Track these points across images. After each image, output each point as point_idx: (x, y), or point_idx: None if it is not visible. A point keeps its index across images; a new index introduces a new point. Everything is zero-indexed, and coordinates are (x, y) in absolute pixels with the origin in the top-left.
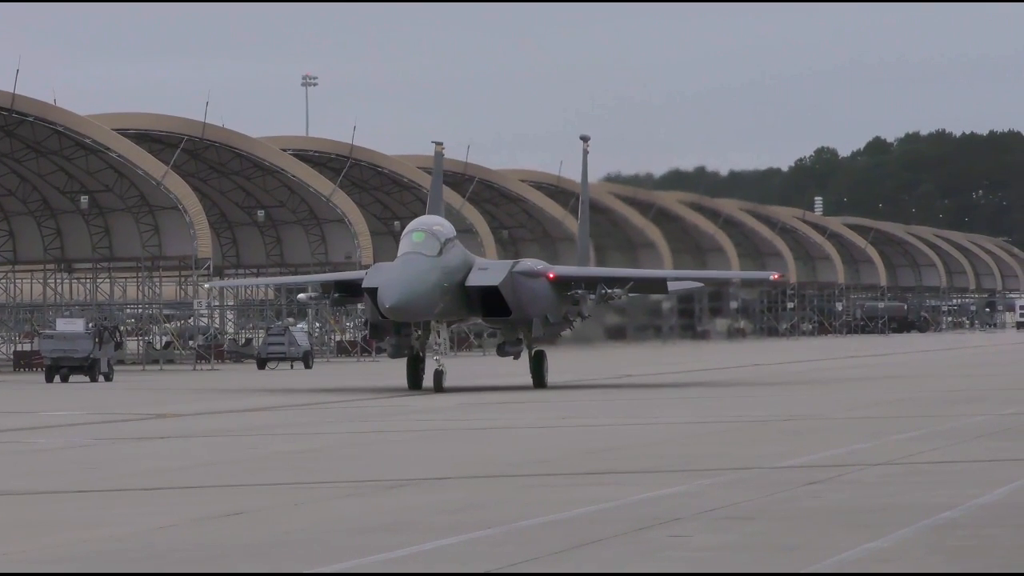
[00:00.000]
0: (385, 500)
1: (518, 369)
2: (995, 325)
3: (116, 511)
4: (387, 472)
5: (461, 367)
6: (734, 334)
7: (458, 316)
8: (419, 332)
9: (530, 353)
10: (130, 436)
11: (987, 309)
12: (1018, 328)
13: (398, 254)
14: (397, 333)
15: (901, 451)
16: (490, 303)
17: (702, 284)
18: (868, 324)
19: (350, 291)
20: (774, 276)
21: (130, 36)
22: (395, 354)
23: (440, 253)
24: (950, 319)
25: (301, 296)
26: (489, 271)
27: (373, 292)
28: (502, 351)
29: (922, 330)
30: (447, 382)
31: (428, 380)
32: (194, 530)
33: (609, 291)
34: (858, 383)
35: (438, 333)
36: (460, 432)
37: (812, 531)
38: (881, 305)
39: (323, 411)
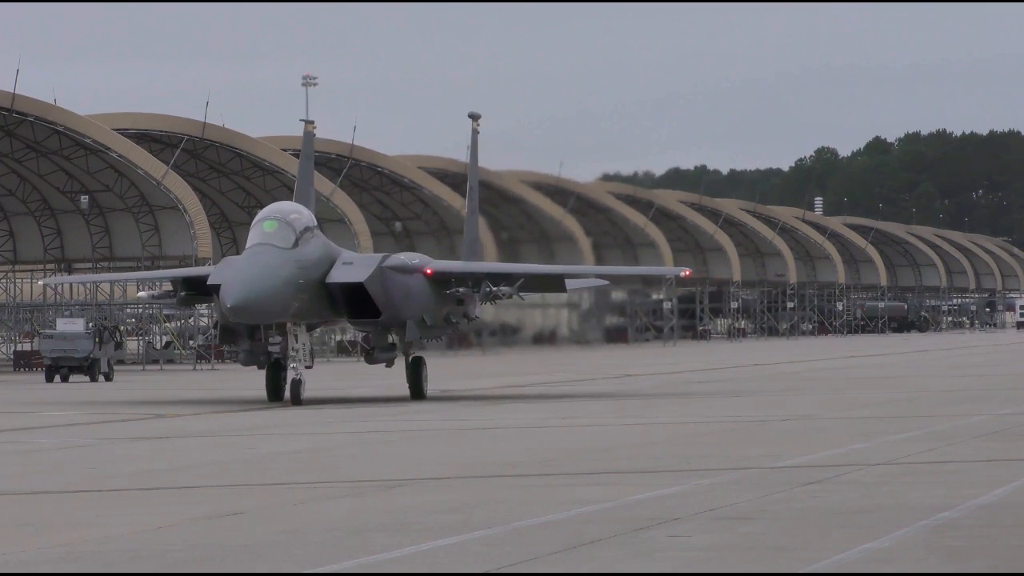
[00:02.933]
0: (384, 500)
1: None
2: (995, 325)
3: (115, 511)
4: (386, 472)
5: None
6: (734, 334)
7: (319, 317)
8: (281, 336)
9: (406, 360)
10: (129, 436)
11: (987, 309)
12: (1018, 328)
13: (247, 245)
14: (251, 337)
15: (900, 451)
16: (357, 302)
17: (606, 282)
18: (868, 324)
19: (200, 289)
20: (685, 272)
21: (130, 36)
22: (248, 361)
23: (295, 245)
24: (950, 319)
25: (142, 294)
26: (355, 266)
27: (219, 289)
28: (371, 358)
29: (922, 330)
30: (306, 393)
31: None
32: (193, 530)
33: (494, 289)
34: (857, 383)
35: (296, 337)
36: (460, 432)
37: (810, 531)
38: (881, 305)
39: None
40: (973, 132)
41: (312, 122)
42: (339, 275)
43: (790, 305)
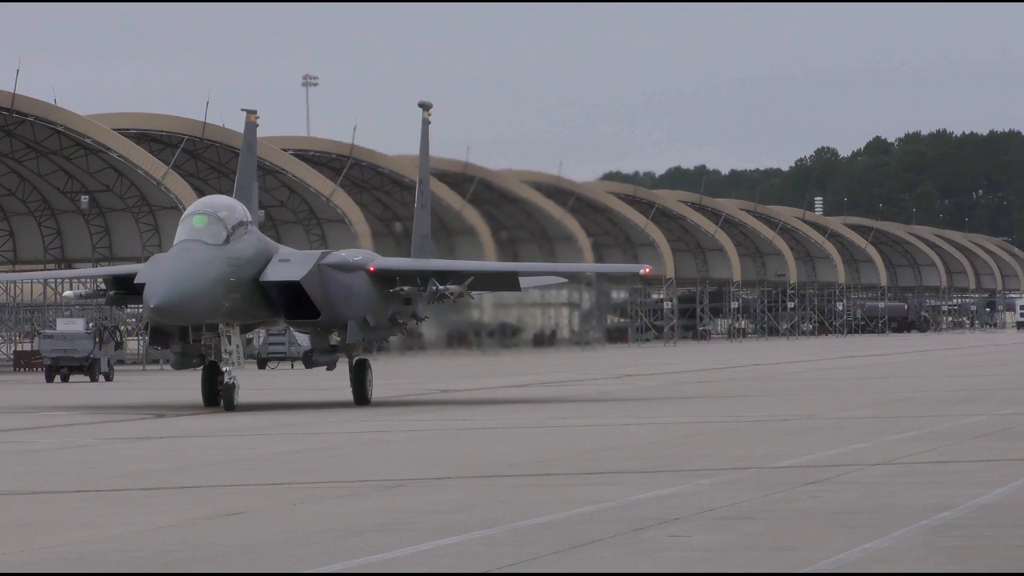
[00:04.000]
0: (384, 500)
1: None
2: (995, 325)
3: (115, 511)
4: (386, 472)
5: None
6: (734, 334)
7: (254, 318)
8: (217, 338)
9: (350, 363)
10: (129, 436)
11: (987, 309)
12: (1018, 328)
13: (174, 242)
14: (183, 339)
15: (900, 451)
16: (294, 302)
17: (564, 280)
18: (868, 324)
19: (130, 287)
20: (644, 270)
21: (130, 36)
22: (180, 364)
23: (227, 241)
24: (950, 319)
25: (68, 294)
26: (291, 263)
27: (144, 289)
28: (309, 361)
29: (922, 330)
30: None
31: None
32: (193, 530)
33: (442, 287)
34: (857, 383)
35: (229, 339)
36: (458, 432)
37: (810, 531)
38: (881, 305)
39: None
40: (973, 132)
41: (255, 112)
42: (274, 273)
43: (790, 305)
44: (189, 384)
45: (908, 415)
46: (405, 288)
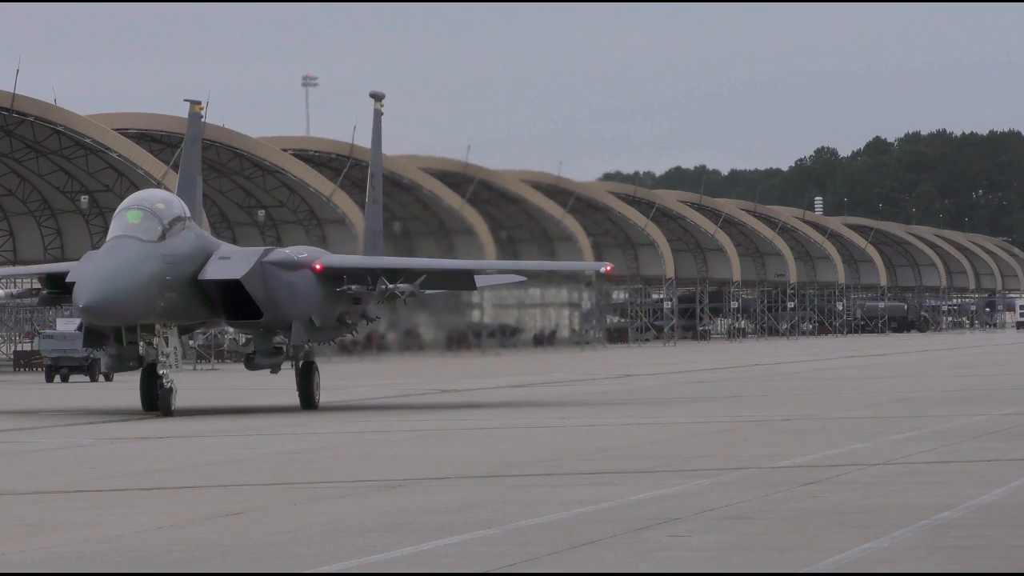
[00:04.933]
0: (384, 500)
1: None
2: (995, 325)
3: (115, 511)
4: (386, 472)
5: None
6: (734, 334)
7: (193, 318)
8: (155, 339)
9: (296, 366)
10: (129, 436)
11: (987, 309)
12: (1018, 328)
13: (107, 238)
14: (118, 341)
15: (900, 451)
16: (235, 302)
17: (522, 278)
18: (868, 324)
19: (64, 286)
20: (605, 268)
21: (130, 36)
22: (115, 367)
23: (162, 237)
24: (950, 319)
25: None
26: (231, 261)
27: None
28: (251, 363)
29: (922, 330)
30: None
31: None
32: (193, 530)
33: (391, 286)
34: (857, 383)
35: (166, 340)
36: (459, 432)
37: (811, 531)
38: (881, 305)
39: None
40: (973, 132)
41: (199, 102)
42: (213, 271)
43: (790, 305)
44: (190, 384)
45: (908, 415)
46: (353, 287)
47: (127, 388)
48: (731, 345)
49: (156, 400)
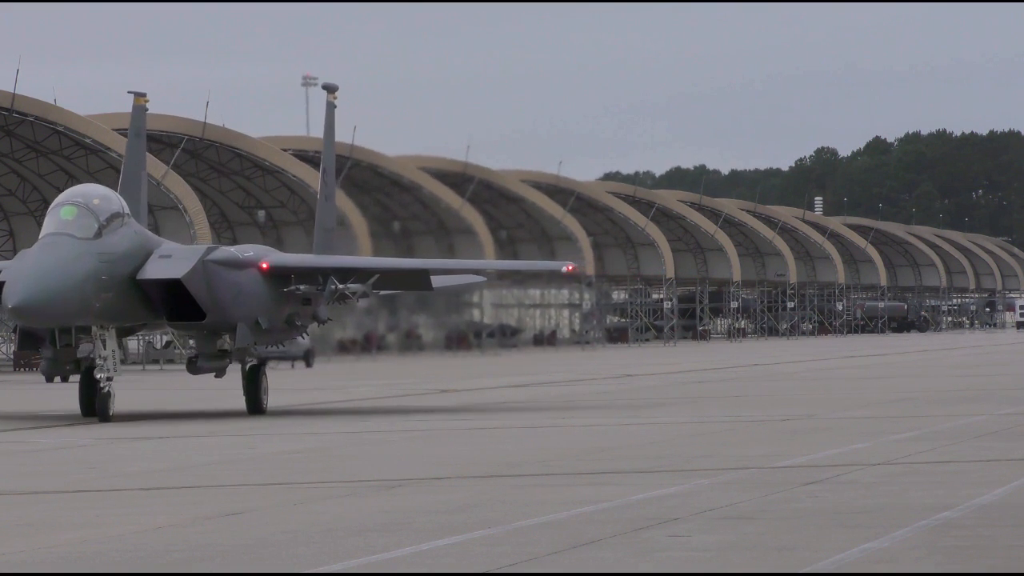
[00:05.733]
0: (384, 500)
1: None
2: (995, 325)
3: (115, 511)
4: (386, 472)
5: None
6: (734, 334)
7: (132, 319)
8: (96, 341)
9: (243, 369)
10: (129, 436)
11: (987, 309)
12: (1018, 328)
13: (40, 235)
14: (54, 343)
15: (899, 451)
16: (177, 302)
17: (483, 278)
18: (868, 324)
19: None
20: (567, 268)
21: (130, 36)
22: (52, 371)
23: (98, 234)
24: (950, 319)
25: None
26: (172, 259)
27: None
28: (194, 367)
29: (922, 330)
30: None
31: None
32: (193, 530)
33: (341, 286)
34: (857, 383)
35: (104, 343)
36: (459, 432)
37: (810, 531)
38: (881, 305)
39: None
40: (973, 132)
41: (144, 95)
42: (153, 270)
43: (790, 305)
44: (192, 384)
45: (908, 415)
46: (301, 287)
47: (126, 389)
48: (731, 345)
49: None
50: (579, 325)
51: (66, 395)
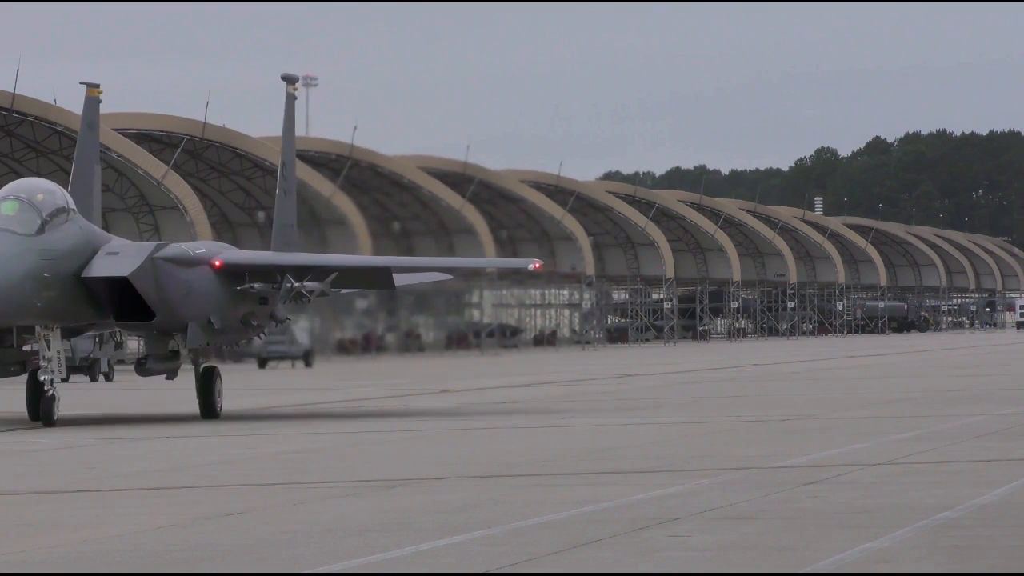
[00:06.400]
0: (384, 500)
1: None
2: (995, 325)
3: (115, 511)
4: (386, 472)
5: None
6: (734, 334)
7: (78, 319)
8: (40, 342)
9: (196, 371)
10: (129, 436)
11: (987, 309)
12: (1018, 328)
13: None
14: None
15: (900, 451)
16: (125, 301)
17: (448, 276)
18: (868, 324)
19: None
20: (534, 265)
21: (130, 36)
22: None
23: (41, 230)
24: (950, 319)
25: None
26: (119, 257)
27: None
28: (142, 369)
29: (922, 330)
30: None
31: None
32: (193, 530)
33: (297, 285)
34: (857, 383)
35: (48, 344)
36: (458, 432)
37: (811, 531)
38: (881, 305)
39: None
40: (973, 132)
41: (97, 86)
42: (99, 268)
43: (790, 305)
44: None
45: (908, 415)
46: (256, 285)
47: (126, 388)
48: (731, 345)
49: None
50: (579, 325)
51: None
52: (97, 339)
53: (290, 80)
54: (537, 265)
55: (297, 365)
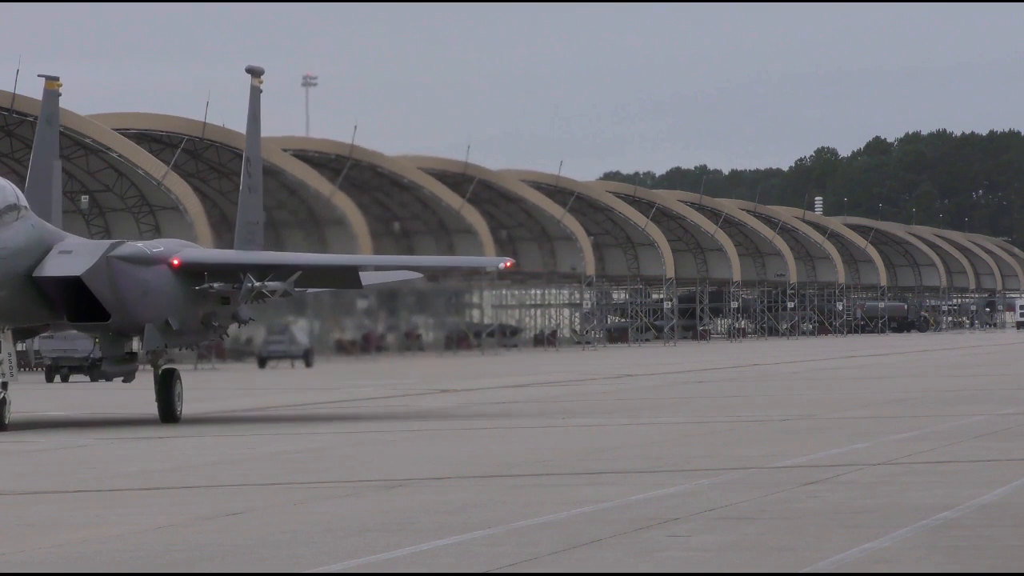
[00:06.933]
0: (384, 500)
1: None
2: (995, 325)
3: (115, 511)
4: (386, 472)
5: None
6: (734, 334)
7: (30, 319)
8: None
9: (155, 373)
10: (129, 436)
11: (987, 309)
12: (1018, 328)
13: None
14: None
15: (899, 451)
16: (79, 301)
17: (417, 275)
18: (868, 324)
19: None
20: (505, 264)
21: (130, 36)
22: None
23: None
24: (950, 319)
25: None
26: (73, 255)
27: None
28: (97, 371)
29: (922, 330)
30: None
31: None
32: (193, 530)
33: (258, 284)
34: (857, 383)
35: None
36: (458, 432)
37: (810, 531)
38: (881, 305)
39: None
40: (973, 132)
41: (56, 79)
42: (51, 267)
43: (790, 305)
44: (186, 384)
45: (908, 415)
46: (215, 285)
47: (126, 388)
48: (731, 345)
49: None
50: (579, 325)
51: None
52: (97, 339)
53: (255, 73)
54: (508, 264)
55: (297, 365)
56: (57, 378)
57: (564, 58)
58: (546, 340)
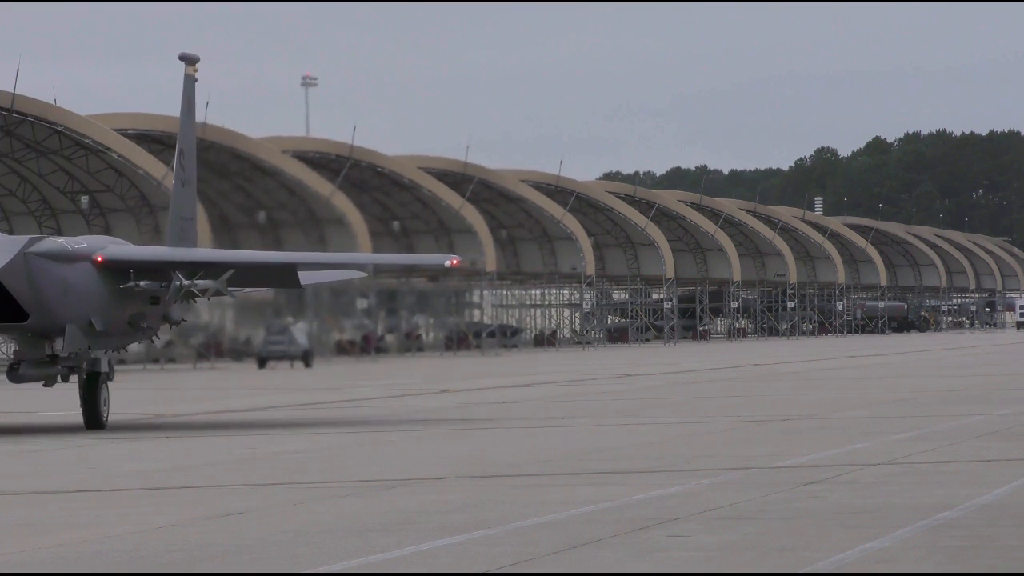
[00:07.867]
0: (384, 500)
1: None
2: (995, 325)
3: (115, 511)
4: (386, 472)
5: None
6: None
7: None
8: None
9: (79, 378)
10: (129, 436)
11: (987, 309)
12: (1018, 328)
13: None
14: None
15: (899, 451)
16: None
17: (362, 273)
18: (868, 324)
19: None
20: (451, 262)
21: (131, 37)
22: None
23: None
24: (950, 319)
25: None
26: None
27: None
28: (15, 375)
29: (922, 330)
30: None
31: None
32: (193, 530)
33: (187, 283)
34: (857, 383)
35: None
36: (458, 432)
37: (810, 531)
38: (881, 305)
39: None
40: (973, 132)
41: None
42: None
43: (790, 305)
44: (186, 383)
45: (908, 415)
46: (142, 283)
47: (128, 388)
48: (731, 345)
49: None
50: (579, 325)
51: None
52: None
53: (189, 60)
54: (454, 262)
55: (296, 365)
56: (57, 378)
57: (564, 58)
58: (546, 340)
